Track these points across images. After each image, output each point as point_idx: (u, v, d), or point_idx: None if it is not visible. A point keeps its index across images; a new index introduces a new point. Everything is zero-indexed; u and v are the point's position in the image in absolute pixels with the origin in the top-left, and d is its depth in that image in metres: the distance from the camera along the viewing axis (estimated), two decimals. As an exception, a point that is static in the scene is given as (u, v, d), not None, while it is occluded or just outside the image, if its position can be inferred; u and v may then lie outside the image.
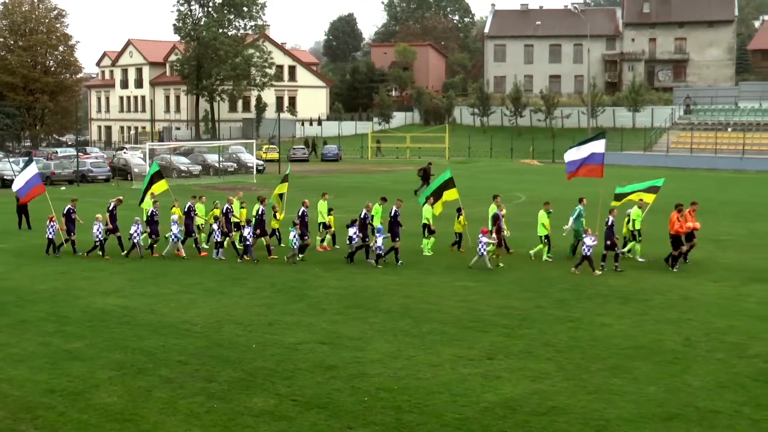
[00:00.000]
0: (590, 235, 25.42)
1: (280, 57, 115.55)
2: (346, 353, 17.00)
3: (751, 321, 19.60)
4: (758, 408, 13.81)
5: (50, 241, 29.27)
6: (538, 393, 14.58)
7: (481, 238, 26.20)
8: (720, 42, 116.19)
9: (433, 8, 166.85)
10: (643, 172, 69.35)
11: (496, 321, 19.65)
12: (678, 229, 25.88)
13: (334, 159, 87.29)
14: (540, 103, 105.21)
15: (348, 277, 24.92)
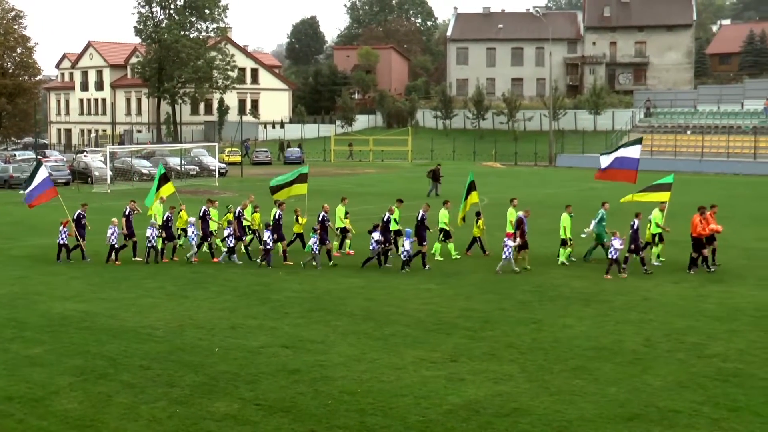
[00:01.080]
0: (618, 238, 25.26)
1: (242, 60, 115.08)
2: (309, 357, 16.96)
3: (709, 321, 19.82)
4: (717, 407, 13.96)
5: (61, 247, 28.48)
6: (501, 395, 14.64)
7: (507, 242, 25.96)
8: (679, 46, 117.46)
9: (396, 11, 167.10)
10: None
11: (459, 323, 19.70)
12: (701, 232, 25.86)
13: (297, 162, 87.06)
14: (502, 105, 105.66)
15: (310, 281, 24.86)
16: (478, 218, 29.32)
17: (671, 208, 28.35)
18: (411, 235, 26.60)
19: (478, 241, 29.54)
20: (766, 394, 14.57)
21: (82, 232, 29.12)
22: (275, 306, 21.62)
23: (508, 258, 25.81)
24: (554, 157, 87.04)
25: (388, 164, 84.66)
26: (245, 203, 30.14)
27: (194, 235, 28.33)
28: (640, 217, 26.21)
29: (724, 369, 16.05)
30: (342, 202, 30.20)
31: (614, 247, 25.15)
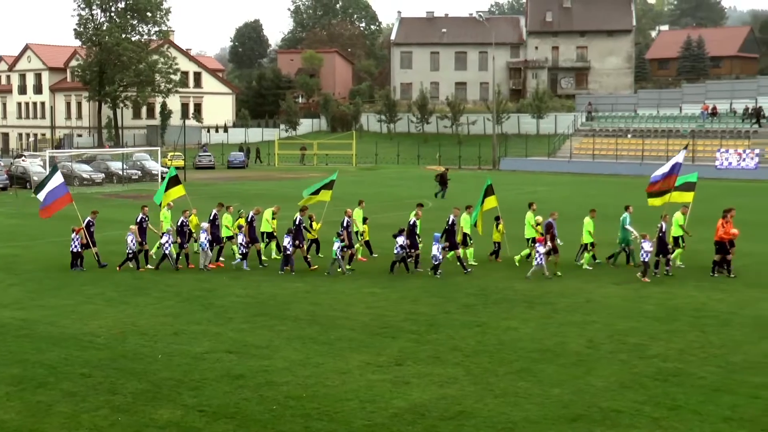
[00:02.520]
0: (648, 241, 25.31)
1: (185, 63, 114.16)
2: (253, 362, 16.85)
3: (650, 322, 20.10)
4: (658, 407, 14.15)
5: (74, 255, 27.69)
6: (446, 398, 14.67)
7: (538, 248, 25.85)
8: (619, 51, 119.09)
9: (340, 15, 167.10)
10: (548, 177, 70.64)
11: (404, 327, 19.72)
12: (722, 236, 25.99)
13: (240, 166, 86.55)
14: (446, 109, 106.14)
15: (254, 285, 24.72)
16: (497, 223, 29.00)
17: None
18: (440, 239, 26.31)
19: (497, 246, 29.12)
20: (704, 393, 14.82)
21: (92, 239, 28.33)
22: (219, 311, 21.45)
23: (540, 264, 25.66)
24: (498, 161, 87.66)
25: (332, 168, 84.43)
26: (258, 208, 29.58)
27: (206, 241, 27.65)
28: (667, 220, 26.44)
29: (664, 369, 16.29)
30: (359, 206, 29.95)
31: (645, 250, 25.22)
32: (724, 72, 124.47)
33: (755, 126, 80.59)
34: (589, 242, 27.40)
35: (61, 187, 29.73)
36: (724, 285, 24.60)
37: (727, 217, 26.29)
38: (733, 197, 50.74)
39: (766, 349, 17.69)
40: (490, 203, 29.71)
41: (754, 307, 21.81)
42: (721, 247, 26.11)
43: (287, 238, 26.90)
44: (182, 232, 27.84)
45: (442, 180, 54.00)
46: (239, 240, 27.84)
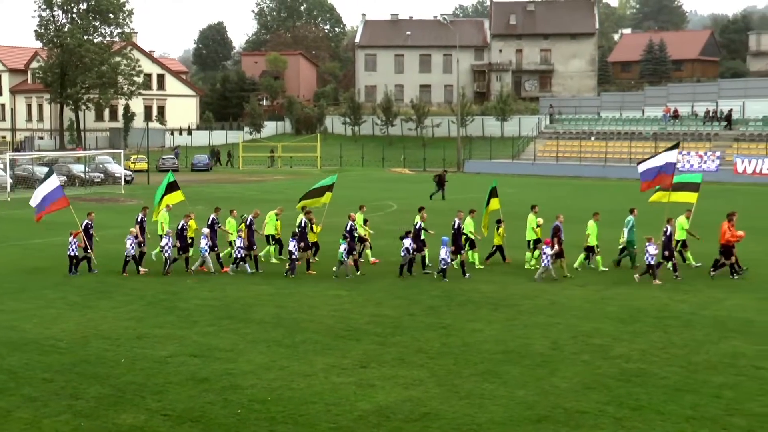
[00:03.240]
0: (652, 244, 25.37)
1: (148, 65, 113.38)
2: (218, 365, 16.76)
3: (613, 323, 20.25)
4: (621, 407, 14.26)
5: (72, 259, 27.09)
6: (411, 400, 14.69)
7: (545, 250, 25.83)
8: (582, 54, 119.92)
9: (304, 17, 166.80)
10: (512, 179, 70.95)
11: (368, 329, 19.71)
12: (729, 239, 26.04)
13: (205, 169, 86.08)
14: (411, 112, 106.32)
15: (219, 289, 24.59)
16: (498, 226, 28.93)
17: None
18: (448, 243, 26.13)
19: (499, 250, 29.02)
20: (666, 393, 14.95)
21: (90, 242, 27.78)
22: (183, 315, 21.31)
23: (547, 266, 25.69)
24: (462, 163, 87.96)
25: (297, 171, 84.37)
26: (256, 211, 29.21)
27: (206, 246, 27.32)
28: (672, 223, 26.55)
29: (627, 369, 16.41)
30: (360, 210, 29.72)
31: (649, 253, 25.28)
32: (685, 75, 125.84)
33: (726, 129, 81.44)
34: (594, 245, 27.44)
35: (58, 191, 29.19)
36: (686, 286, 24.84)
37: (733, 220, 26.39)
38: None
39: (727, 349, 17.88)
40: (494, 205, 29.72)
41: (716, 307, 22.06)
42: (726, 250, 26.18)
43: (292, 242, 26.66)
44: (182, 236, 27.50)
45: (440, 181, 54.47)
46: (237, 244, 27.46)
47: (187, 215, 28.15)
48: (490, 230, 29.62)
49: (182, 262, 27.51)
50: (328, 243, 29.03)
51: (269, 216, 29.57)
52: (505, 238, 28.89)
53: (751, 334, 19.24)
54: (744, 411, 14.07)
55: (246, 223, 27.92)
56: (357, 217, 28.77)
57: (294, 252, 26.53)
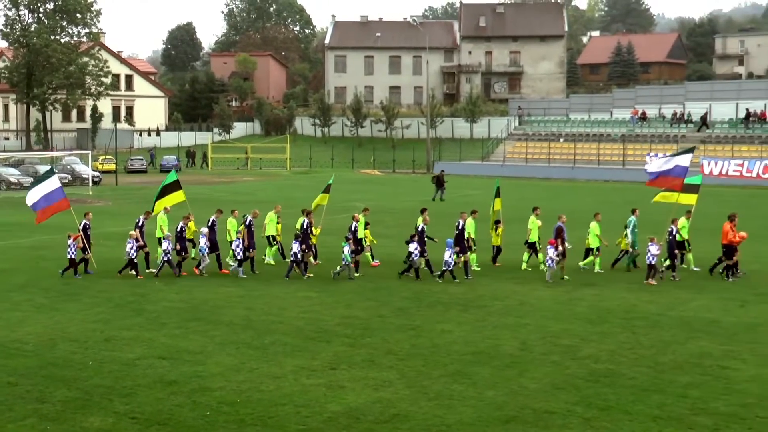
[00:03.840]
0: (655, 244, 25.48)
1: (116, 66, 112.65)
2: (186, 368, 16.67)
3: (582, 324, 20.37)
4: (589, 407, 14.34)
5: (71, 262, 26.68)
6: (380, 401, 14.68)
7: (549, 250, 25.84)
8: (551, 56, 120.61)
9: (274, 18, 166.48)
10: (481, 181, 71.22)
11: (338, 331, 19.69)
12: (732, 239, 26.11)
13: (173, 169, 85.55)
14: (380, 113, 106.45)
15: (187, 290, 24.45)
16: (497, 227, 28.95)
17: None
18: (452, 245, 26.14)
19: (495, 250, 29.08)
20: (634, 393, 15.06)
21: (88, 243, 27.29)
22: (151, 317, 21.18)
23: (553, 267, 25.76)
24: (432, 165, 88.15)
25: (266, 172, 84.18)
26: (255, 211, 28.90)
27: (206, 247, 27.04)
28: (677, 224, 26.70)
29: (596, 370, 16.51)
30: (363, 213, 29.44)
31: (651, 253, 25.40)
32: (653, 77, 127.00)
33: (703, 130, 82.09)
34: (596, 246, 27.55)
35: (58, 192, 28.60)
36: (653, 287, 25.05)
37: (735, 221, 26.52)
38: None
39: (694, 350, 18.05)
40: (496, 206, 29.75)
41: (682, 308, 22.25)
42: (729, 250, 26.32)
43: (296, 244, 26.45)
44: (182, 238, 27.16)
45: (439, 182, 55.10)
46: (234, 245, 27.23)
47: (186, 217, 27.85)
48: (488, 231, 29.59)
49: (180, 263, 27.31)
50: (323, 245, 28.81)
51: (269, 217, 29.25)
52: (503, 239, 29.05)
53: (716, 334, 19.43)
54: (709, 410, 14.20)
55: (246, 224, 27.65)
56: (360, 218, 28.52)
57: (298, 254, 26.37)
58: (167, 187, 29.03)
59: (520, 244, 28.71)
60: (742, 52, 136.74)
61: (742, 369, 16.59)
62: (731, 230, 26.25)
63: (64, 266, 26.72)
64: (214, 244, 27.56)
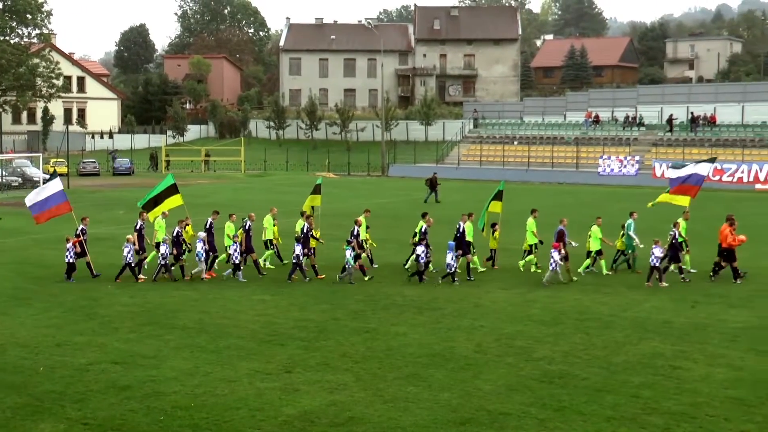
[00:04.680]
0: (658, 246, 25.63)
1: (68, 67, 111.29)
2: (140, 372, 16.52)
3: (536, 326, 20.51)
4: (543, 408, 14.45)
5: (70, 266, 26.32)
6: (336, 404, 14.67)
7: (553, 253, 25.83)
8: (506, 59, 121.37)
9: (228, 21, 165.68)
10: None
11: (293, 334, 19.64)
12: (731, 243, 26.20)
13: (127, 173, 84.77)
14: (335, 116, 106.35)
15: (141, 294, 24.24)
16: (494, 230, 29.03)
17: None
18: (453, 248, 26.16)
19: (492, 253, 29.15)
20: (587, 394, 15.20)
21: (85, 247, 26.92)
22: (104, 321, 20.96)
23: (555, 269, 25.80)
24: (387, 167, 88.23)
25: (221, 175, 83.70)
26: (251, 215, 28.50)
27: (203, 251, 26.70)
28: (678, 227, 26.86)
29: (549, 371, 16.63)
30: (364, 215, 29.31)
31: (654, 255, 25.56)
32: (605, 81, 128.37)
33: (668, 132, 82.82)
34: (596, 249, 27.71)
35: (61, 194, 28.46)
36: (606, 288, 25.29)
37: (735, 224, 26.68)
38: (615, 202, 52.29)
39: (646, 350, 18.25)
40: (495, 208, 29.73)
41: (635, 309, 22.50)
42: (730, 253, 26.49)
43: (298, 246, 26.30)
44: (178, 242, 26.85)
45: (432, 184, 55.80)
46: (231, 249, 26.95)
47: (182, 221, 27.56)
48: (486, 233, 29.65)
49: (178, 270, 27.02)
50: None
51: (266, 220, 29.00)
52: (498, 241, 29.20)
53: (668, 335, 19.67)
54: (661, 410, 14.38)
55: (244, 228, 27.46)
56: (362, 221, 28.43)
57: (300, 256, 26.23)
58: (165, 191, 28.80)
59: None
60: (693, 56, 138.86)
61: (692, 369, 16.82)
62: (731, 234, 26.40)
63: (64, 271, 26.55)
64: (213, 247, 27.38)
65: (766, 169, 69.27)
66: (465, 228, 27.14)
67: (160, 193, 28.74)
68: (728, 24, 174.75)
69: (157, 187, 29.06)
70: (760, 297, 24.14)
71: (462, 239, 26.86)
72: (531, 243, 28.34)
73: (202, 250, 26.71)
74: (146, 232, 27.85)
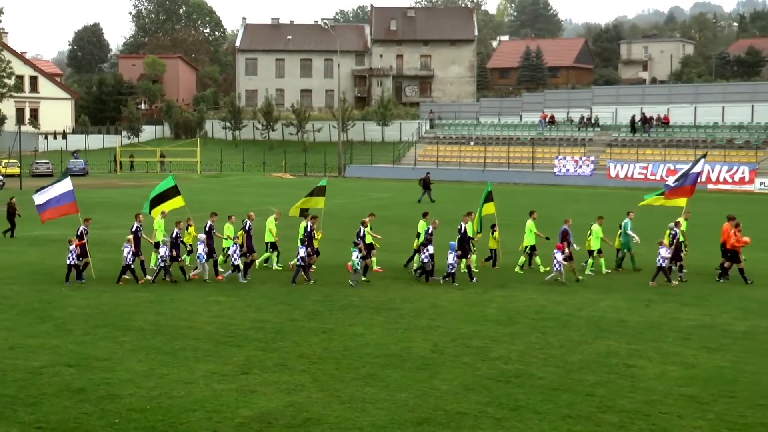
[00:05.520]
0: (665, 247, 25.75)
1: (19, 67, 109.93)
2: (94, 375, 16.34)
3: (493, 326, 20.61)
4: (500, 407, 14.52)
5: (70, 268, 25.86)
6: (293, 405, 14.63)
7: (556, 254, 25.92)
8: (462, 60, 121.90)
9: (184, 20, 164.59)
10: (393, 184, 71.54)
11: (250, 335, 19.55)
12: (734, 243, 26.25)
13: (80, 174, 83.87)
14: (292, 117, 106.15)
15: (96, 296, 23.98)
16: (493, 230, 29.10)
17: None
18: (455, 248, 26.17)
19: (493, 254, 29.31)
20: (543, 393, 15.30)
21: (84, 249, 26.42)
22: (58, 323, 20.70)
23: (559, 270, 25.89)
24: (343, 168, 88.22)
25: (176, 175, 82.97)
26: (250, 215, 28.23)
27: (203, 253, 26.37)
28: (680, 226, 27.02)
29: (506, 371, 16.72)
30: (369, 217, 28.95)
31: (661, 256, 25.70)
32: (561, 82, 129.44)
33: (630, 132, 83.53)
34: (597, 249, 27.94)
35: (70, 194, 28.02)
36: (562, 288, 25.49)
37: (740, 225, 26.77)
38: (571, 203, 52.74)
39: (601, 349, 18.42)
40: (488, 209, 29.83)
41: (591, 308, 22.69)
42: (734, 254, 26.56)
43: (302, 249, 26.13)
44: (176, 244, 26.54)
45: (425, 184, 56.61)
46: (231, 250, 26.70)
47: (179, 222, 27.36)
48: (484, 234, 29.75)
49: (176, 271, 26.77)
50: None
51: (270, 222, 28.74)
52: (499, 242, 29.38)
53: (623, 333, 19.87)
54: (616, 408, 14.52)
55: (245, 229, 27.24)
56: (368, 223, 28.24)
57: (305, 258, 26.08)
58: (165, 192, 28.53)
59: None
60: (646, 57, 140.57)
61: (647, 367, 17.00)
62: (734, 235, 26.44)
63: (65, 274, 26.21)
64: (212, 250, 27.15)
65: (718, 170, 70.29)
66: (467, 228, 27.30)
67: (160, 194, 28.49)
68: (680, 26, 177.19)
69: (157, 188, 28.79)
70: (712, 295, 24.49)
71: (464, 239, 27.02)
72: (528, 244, 28.59)
73: (203, 253, 26.50)
74: (145, 232, 27.56)
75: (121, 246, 26.74)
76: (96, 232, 29.68)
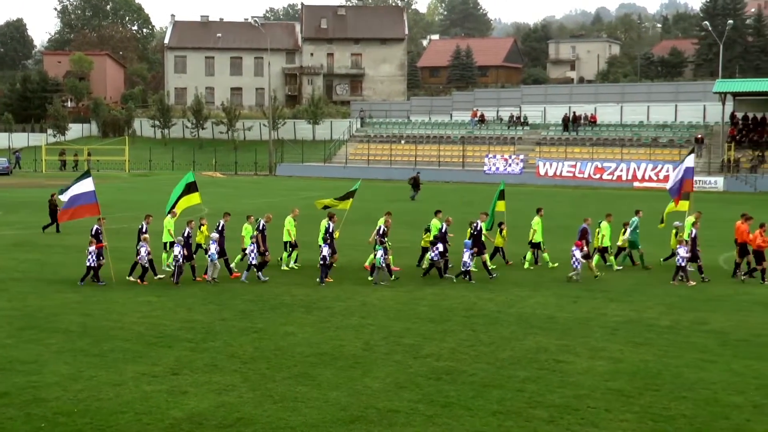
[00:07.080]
0: (683, 246, 25.86)
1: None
2: (19, 378, 16.01)
3: (424, 323, 20.71)
4: (431, 404, 14.60)
5: (89, 269, 25.21)
6: (224, 405, 14.52)
7: (575, 252, 26.02)
8: (392, 59, 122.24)
9: (110, 17, 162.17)
10: (324, 183, 71.43)
11: (180, 335, 19.35)
12: (761, 244, 26.16)
13: (5, 173, 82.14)
14: (222, 115, 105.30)
15: (20, 298, 23.49)
16: (501, 228, 29.16)
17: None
18: (470, 246, 26.23)
19: (500, 251, 29.43)
20: (474, 389, 15.42)
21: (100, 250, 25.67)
22: (-19, 326, 20.24)
23: (578, 268, 26.07)
24: (274, 167, 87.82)
25: (104, 175, 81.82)
26: (268, 215, 27.88)
27: (215, 253, 25.85)
28: (698, 226, 27.27)
29: (437, 368, 16.82)
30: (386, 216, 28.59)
31: (680, 255, 25.91)
32: (490, 81, 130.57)
33: (569, 132, 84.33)
34: (608, 245, 28.41)
35: (90, 195, 26.66)
36: (492, 285, 25.73)
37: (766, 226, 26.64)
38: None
39: (531, 345, 18.64)
40: (500, 207, 30.10)
41: (520, 305, 22.94)
42: (758, 255, 26.52)
43: (325, 247, 25.87)
44: (188, 243, 25.93)
45: (415, 183, 58.32)
46: (248, 250, 26.33)
47: (191, 221, 26.84)
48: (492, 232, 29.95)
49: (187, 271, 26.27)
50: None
51: (289, 221, 28.31)
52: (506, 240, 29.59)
53: (552, 330, 20.13)
54: (545, 403, 14.70)
55: (259, 229, 26.91)
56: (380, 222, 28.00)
57: (327, 257, 25.87)
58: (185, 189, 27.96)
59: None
60: (574, 57, 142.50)
61: (575, 362, 17.26)
62: (761, 235, 26.27)
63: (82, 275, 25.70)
64: (223, 250, 26.72)
65: (643, 168, 71.65)
66: (482, 226, 27.68)
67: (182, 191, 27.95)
68: (607, 27, 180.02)
69: (178, 188, 28.15)
70: (637, 291, 24.96)
71: (478, 237, 27.29)
72: (536, 241, 29.00)
73: (215, 252, 26.16)
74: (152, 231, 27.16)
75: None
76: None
